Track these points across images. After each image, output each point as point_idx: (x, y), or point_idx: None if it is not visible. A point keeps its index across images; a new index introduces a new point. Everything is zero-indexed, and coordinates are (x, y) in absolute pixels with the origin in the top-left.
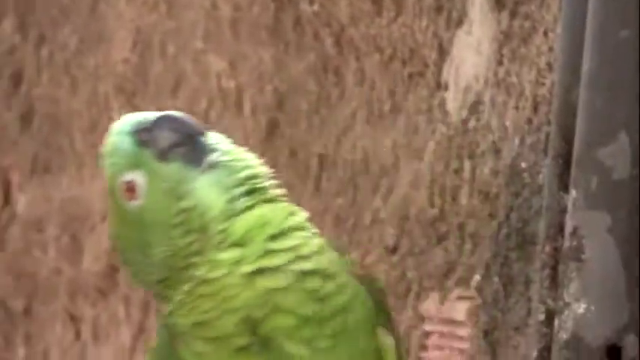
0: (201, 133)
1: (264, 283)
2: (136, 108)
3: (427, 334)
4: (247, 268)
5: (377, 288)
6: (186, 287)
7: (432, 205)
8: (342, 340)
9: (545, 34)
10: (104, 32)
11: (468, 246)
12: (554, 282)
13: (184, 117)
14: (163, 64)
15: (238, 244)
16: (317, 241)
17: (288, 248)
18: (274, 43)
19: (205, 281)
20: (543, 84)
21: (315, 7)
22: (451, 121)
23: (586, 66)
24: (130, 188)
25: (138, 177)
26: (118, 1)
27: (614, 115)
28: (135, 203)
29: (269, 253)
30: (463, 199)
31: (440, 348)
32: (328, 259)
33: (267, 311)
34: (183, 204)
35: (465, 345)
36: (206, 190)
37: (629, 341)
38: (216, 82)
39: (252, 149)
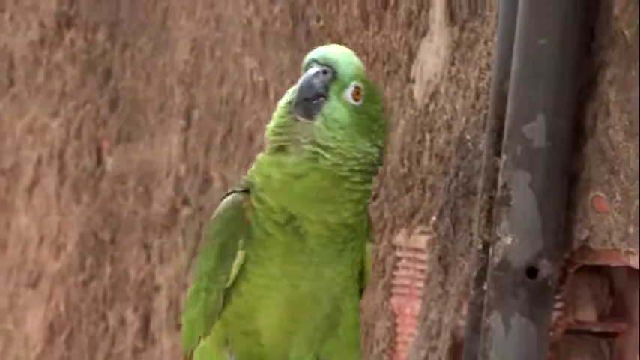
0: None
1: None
2: (191, 95)
3: (398, 259)
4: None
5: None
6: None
7: (403, 165)
8: (346, 250)
9: (485, 43)
10: (170, 41)
11: (427, 195)
12: (490, 221)
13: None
14: (212, 64)
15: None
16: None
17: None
18: (291, 48)
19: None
20: (483, 79)
21: (321, 23)
22: (417, 106)
23: (514, 66)
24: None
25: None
26: (180, 19)
27: (534, 102)
28: None
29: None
30: (425, 161)
31: (407, 268)
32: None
33: (298, 216)
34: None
35: (425, 266)
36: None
37: (543, 264)
38: (249, 76)
39: None
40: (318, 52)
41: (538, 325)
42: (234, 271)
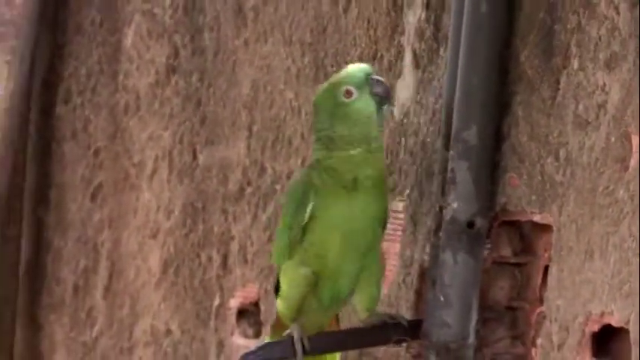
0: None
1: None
2: (252, 116)
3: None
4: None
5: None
6: (339, 152)
7: (387, 158)
8: (378, 194)
9: (438, 80)
10: (238, 81)
11: (403, 177)
12: (443, 193)
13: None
14: (265, 95)
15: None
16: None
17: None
18: (314, 85)
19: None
20: (437, 103)
21: (334, 69)
22: (396, 120)
23: (457, 95)
24: (349, 92)
25: (354, 90)
26: (244, 67)
27: (470, 117)
28: (348, 100)
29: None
30: (401, 155)
31: (392, 223)
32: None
33: (363, 177)
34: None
35: (402, 222)
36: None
37: (477, 220)
38: (289, 103)
39: (308, 136)
40: (367, 69)
41: (475, 259)
42: (307, 214)
